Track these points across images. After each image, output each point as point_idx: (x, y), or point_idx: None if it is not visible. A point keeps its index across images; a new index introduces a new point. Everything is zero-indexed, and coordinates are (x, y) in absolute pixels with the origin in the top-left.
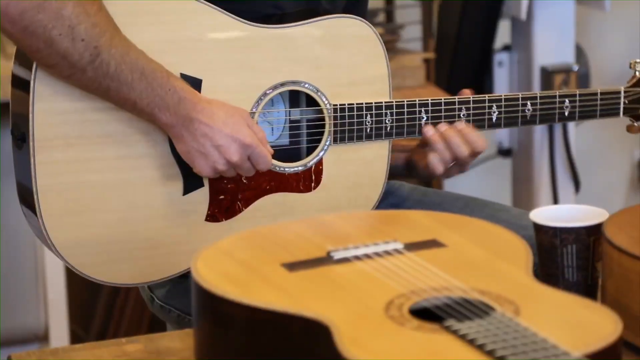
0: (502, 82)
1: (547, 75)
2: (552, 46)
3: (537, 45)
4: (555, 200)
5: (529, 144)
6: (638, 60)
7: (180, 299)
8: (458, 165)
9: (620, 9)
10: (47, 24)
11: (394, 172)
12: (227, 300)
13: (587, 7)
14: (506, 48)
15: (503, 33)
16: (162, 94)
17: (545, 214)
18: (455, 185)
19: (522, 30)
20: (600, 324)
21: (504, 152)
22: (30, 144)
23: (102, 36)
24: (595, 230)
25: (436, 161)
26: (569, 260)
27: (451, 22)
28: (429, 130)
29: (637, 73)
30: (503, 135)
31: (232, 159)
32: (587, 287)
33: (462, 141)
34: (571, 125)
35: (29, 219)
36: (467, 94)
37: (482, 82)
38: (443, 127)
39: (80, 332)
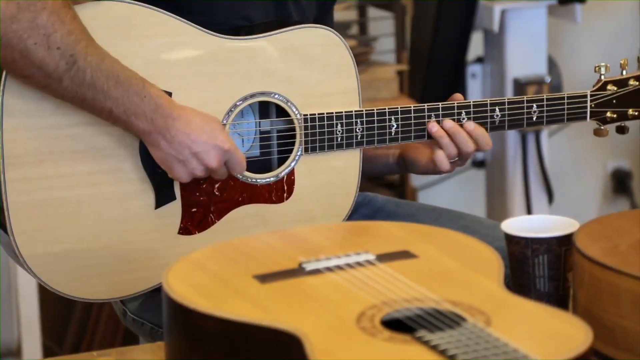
0: (475, 94)
1: (520, 86)
2: (524, 58)
3: (509, 57)
4: (529, 211)
5: (502, 155)
6: (602, 64)
7: (153, 312)
8: (461, 160)
9: (592, 21)
10: (23, 34)
11: (385, 171)
12: (199, 313)
13: (559, 19)
14: (479, 60)
15: (476, 45)
16: (137, 101)
17: (517, 225)
18: (429, 196)
19: (495, 42)
20: (572, 334)
21: (478, 164)
22: (0, 160)
23: (78, 44)
24: (566, 241)
25: (442, 157)
26: (540, 271)
27: (424, 34)
28: (434, 127)
29: (601, 77)
30: None
31: (211, 164)
32: (558, 298)
33: (468, 137)
34: (544, 137)
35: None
36: (459, 98)
37: (455, 93)
38: (449, 123)
39: (54, 346)
